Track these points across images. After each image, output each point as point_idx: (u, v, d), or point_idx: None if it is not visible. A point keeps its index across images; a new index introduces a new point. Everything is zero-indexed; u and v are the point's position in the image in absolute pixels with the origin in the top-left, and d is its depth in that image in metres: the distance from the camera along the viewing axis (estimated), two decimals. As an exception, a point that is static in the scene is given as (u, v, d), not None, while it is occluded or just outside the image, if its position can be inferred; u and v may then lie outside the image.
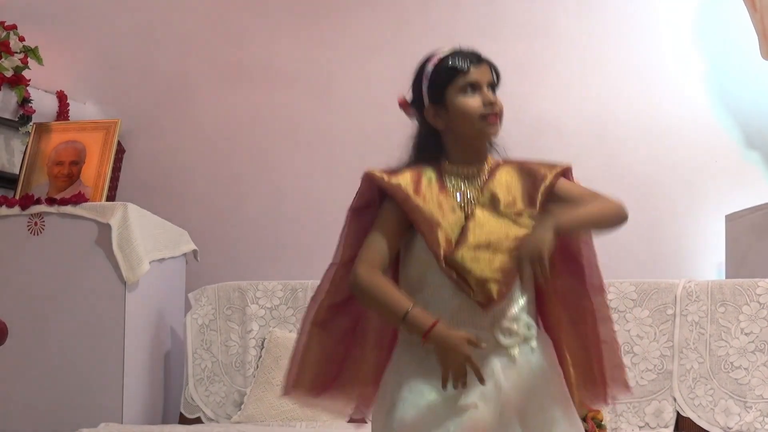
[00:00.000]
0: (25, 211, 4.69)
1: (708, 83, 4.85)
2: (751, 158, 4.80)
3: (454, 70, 2.50)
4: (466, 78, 2.50)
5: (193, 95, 5.35)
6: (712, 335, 4.15)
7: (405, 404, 2.42)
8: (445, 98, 2.51)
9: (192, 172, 5.31)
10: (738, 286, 4.17)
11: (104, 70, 5.43)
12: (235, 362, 4.58)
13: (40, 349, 4.56)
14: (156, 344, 4.72)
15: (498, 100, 2.51)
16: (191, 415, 4.55)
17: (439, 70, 2.52)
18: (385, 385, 2.51)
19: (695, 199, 4.81)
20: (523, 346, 2.47)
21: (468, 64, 2.50)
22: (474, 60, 2.51)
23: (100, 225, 4.57)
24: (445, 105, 2.51)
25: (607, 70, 4.94)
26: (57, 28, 5.45)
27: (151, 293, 4.67)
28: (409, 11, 5.12)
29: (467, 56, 2.52)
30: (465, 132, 2.52)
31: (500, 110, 2.52)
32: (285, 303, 4.62)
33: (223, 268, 5.09)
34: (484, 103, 2.49)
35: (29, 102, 5.03)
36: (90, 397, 4.49)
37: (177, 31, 5.39)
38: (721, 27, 4.86)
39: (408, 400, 2.42)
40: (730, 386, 4.08)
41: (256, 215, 5.22)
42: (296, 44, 5.25)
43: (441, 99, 2.51)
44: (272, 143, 5.23)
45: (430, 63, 2.53)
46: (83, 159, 4.90)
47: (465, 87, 2.50)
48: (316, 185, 5.18)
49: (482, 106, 2.49)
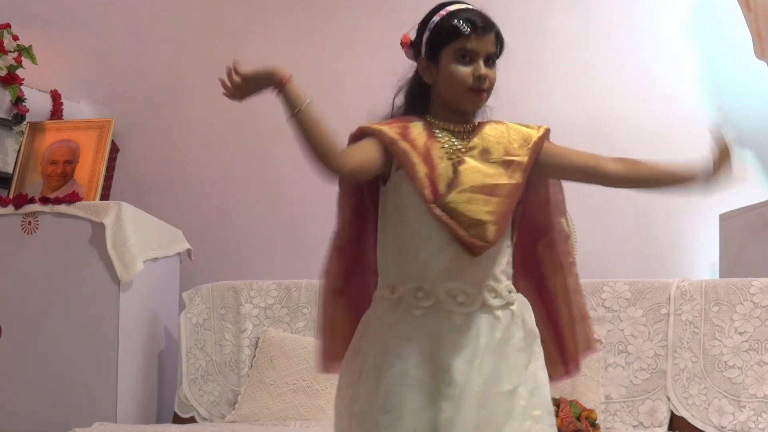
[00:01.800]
0: (19, 211, 4.69)
1: (702, 83, 4.85)
2: (744, 158, 4.79)
3: (455, 32, 2.44)
4: (465, 44, 2.44)
5: (187, 95, 5.34)
6: (705, 334, 4.16)
7: (392, 376, 2.38)
8: (439, 57, 2.47)
9: (186, 172, 5.31)
10: (732, 285, 4.18)
11: (98, 70, 5.43)
12: (229, 361, 4.58)
13: (33, 348, 4.56)
14: (150, 343, 4.71)
15: (491, 74, 2.46)
16: (185, 414, 4.55)
17: (441, 26, 2.47)
18: (364, 339, 2.47)
19: (689, 198, 4.81)
20: (505, 310, 2.44)
21: (470, 29, 2.44)
22: (479, 26, 2.45)
23: (94, 224, 4.57)
24: (437, 63, 2.47)
25: (601, 69, 4.94)
26: (51, 28, 5.45)
27: (145, 292, 4.67)
28: (405, 10, 5.11)
29: (474, 20, 2.46)
30: (449, 98, 2.48)
31: (490, 85, 2.47)
32: (279, 302, 4.62)
33: (217, 267, 5.10)
34: (474, 76, 2.44)
35: (23, 101, 5.03)
36: (84, 397, 4.49)
37: (171, 31, 5.39)
38: (715, 27, 4.86)
39: (395, 374, 2.37)
40: (723, 385, 4.09)
41: (251, 214, 5.22)
42: (289, 44, 5.25)
43: (435, 56, 2.47)
44: (266, 142, 5.23)
45: (437, 14, 2.49)
46: (77, 158, 4.90)
47: (460, 53, 2.45)
48: (311, 185, 5.15)
49: (471, 78, 2.44)
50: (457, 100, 2.48)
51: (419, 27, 2.53)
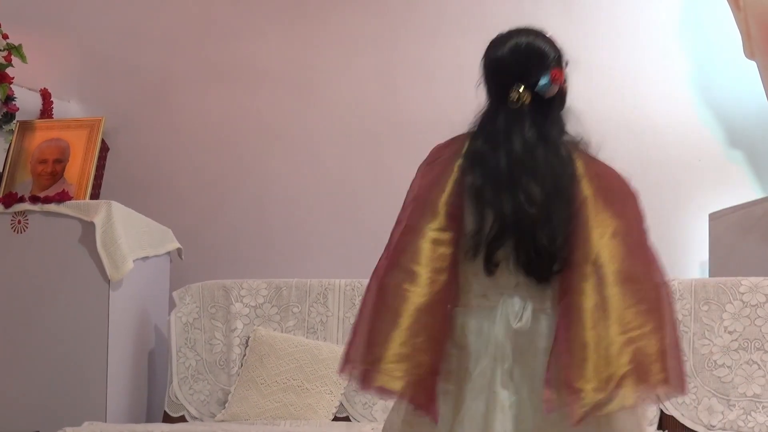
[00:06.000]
0: (9, 210, 4.68)
1: (691, 82, 4.86)
2: (734, 157, 4.82)
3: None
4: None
5: (177, 94, 5.34)
6: (695, 333, 4.17)
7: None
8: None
9: (176, 171, 5.30)
10: (721, 284, 4.19)
11: (88, 68, 5.42)
12: (219, 360, 4.58)
13: (23, 347, 4.55)
14: (140, 343, 4.71)
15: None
16: (175, 413, 4.54)
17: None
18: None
19: (679, 197, 4.82)
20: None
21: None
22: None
23: (84, 223, 4.56)
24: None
25: (592, 69, 4.94)
26: (41, 26, 5.43)
27: (135, 291, 4.66)
28: (394, 11, 5.12)
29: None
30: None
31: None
32: (269, 301, 4.62)
33: (207, 266, 5.09)
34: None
35: (13, 100, 5.02)
36: (74, 396, 4.48)
37: (161, 30, 5.38)
38: (705, 26, 4.87)
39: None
40: (713, 384, 4.10)
41: (240, 214, 5.22)
42: (280, 44, 5.25)
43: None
44: (256, 142, 5.23)
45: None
46: (67, 157, 4.89)
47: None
48: (300, 184, 5.18)
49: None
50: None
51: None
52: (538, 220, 2.43)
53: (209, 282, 4.70)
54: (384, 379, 2.41)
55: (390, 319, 2.42)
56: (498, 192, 2.46)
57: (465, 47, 2.62)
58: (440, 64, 5.01)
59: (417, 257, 2.45)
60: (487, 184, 2.46)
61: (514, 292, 2.48)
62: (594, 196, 2.47)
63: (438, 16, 5.03)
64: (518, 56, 2.56)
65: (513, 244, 2.45)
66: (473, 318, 2.49)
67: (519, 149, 2.47)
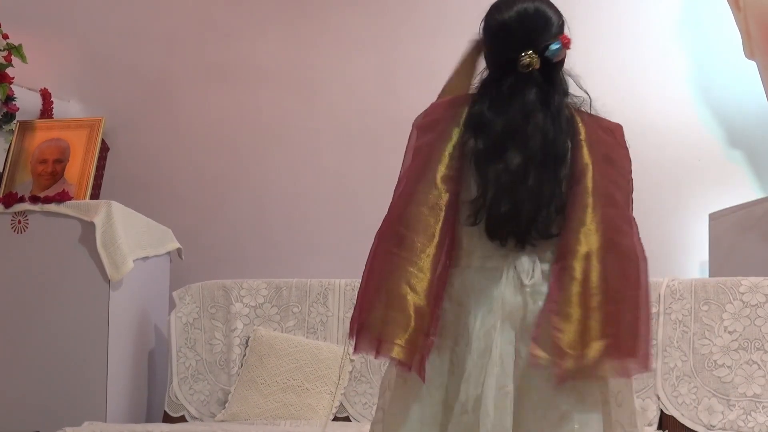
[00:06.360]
0: (9, 210, 4.68)
1: (691, 83, 4.86)
2: (734, 157, 4.82)
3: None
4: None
5: (177, 94, 5.34)
6: (695, 333, 4.16)
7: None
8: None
9: (176, 171, 5.30)
10: (721, 284, 4.19)
11: (88, 68, 5.42)
12: (219, 360, 4.58)
13: (23, 347, 4.55)
14: (140, 343, 4.71)
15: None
16: (175, 413, 4.54)
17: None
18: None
19: (679, 198, 4.82)
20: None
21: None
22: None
23: (84, 223, 4.56)
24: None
25: (591, 69, 4.89)
26: (41, 26, 5.43)
27: (135, 292, 4.66)
28: (394, 11, 5.12)
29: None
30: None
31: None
32: (269, 301, 4.62)
33: (207, 266, 5.09)
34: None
35: (13, 100, 5.02)
36: (74, 396, 4.48)
37: (161, 30, 5.38)
38: (705, 26, 4.87)
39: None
40: (713, 384, 4.10)
41: (240, 214, 5.22)
42: (280, 44, 5.25)
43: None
44: (256, 142, 5.23)
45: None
46: (67, 157, 4.89)
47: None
48: (300, 184, 5.18)
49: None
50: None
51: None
52: (528, 188, 2.45)
53: (209, 282, 4.70)
54: (372, 343, 2.45)
55: (376, 285, 2.47)
56: (492, 158, 2.48)
57: (465, 47, 2.61)
58: (440, 64, 4.99)
59: (410, 222, 2.47)
60: (488, 148, 2.48)
61: (522, 252, 2.49)
62: (594, 164, 2.52)
63: (438, 16, 5.03)
64: (527, 21, 2.59)
65: (508, 211, 2.47)
66: (474, 277, 2.50)
67: (518, 115, 2.49)
